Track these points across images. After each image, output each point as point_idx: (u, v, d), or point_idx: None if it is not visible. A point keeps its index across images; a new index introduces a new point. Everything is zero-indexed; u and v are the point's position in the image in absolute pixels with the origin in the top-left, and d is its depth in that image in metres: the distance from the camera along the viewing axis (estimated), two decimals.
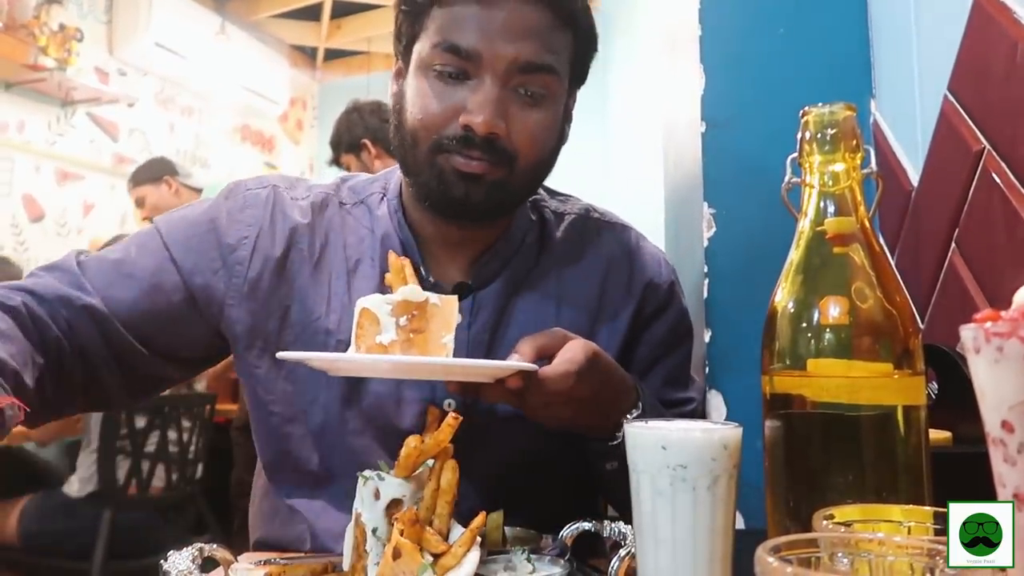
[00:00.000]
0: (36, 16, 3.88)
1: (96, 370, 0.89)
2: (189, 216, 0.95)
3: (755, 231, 1.18)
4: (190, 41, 4.73)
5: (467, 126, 0.83)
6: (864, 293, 0.64)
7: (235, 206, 0.95)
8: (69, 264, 0.90)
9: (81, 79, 4.08)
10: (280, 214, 0.95)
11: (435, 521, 0.65)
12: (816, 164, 0.68)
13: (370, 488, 0.67)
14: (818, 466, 0.63)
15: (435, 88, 0.85)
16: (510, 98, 0.84)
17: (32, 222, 3.97)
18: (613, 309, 0.99)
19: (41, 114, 4.04)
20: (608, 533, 0.72)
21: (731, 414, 1.20)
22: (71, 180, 4.18)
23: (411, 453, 0.66)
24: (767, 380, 0.67)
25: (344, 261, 0.94)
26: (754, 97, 1.25)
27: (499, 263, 0.96)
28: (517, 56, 0.83)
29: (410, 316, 0.76)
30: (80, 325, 0.87)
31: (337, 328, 0.91)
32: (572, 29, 0.88)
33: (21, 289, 0.86)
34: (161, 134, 4.78)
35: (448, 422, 0.66)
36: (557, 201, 1.05)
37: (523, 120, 0.85)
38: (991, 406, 0.38)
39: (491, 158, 0.84)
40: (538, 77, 0.85)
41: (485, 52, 0.82)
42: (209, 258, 0.92)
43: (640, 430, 0.60)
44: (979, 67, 0.98)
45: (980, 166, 0.96)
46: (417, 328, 0.76)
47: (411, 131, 0.87)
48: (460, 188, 0.85)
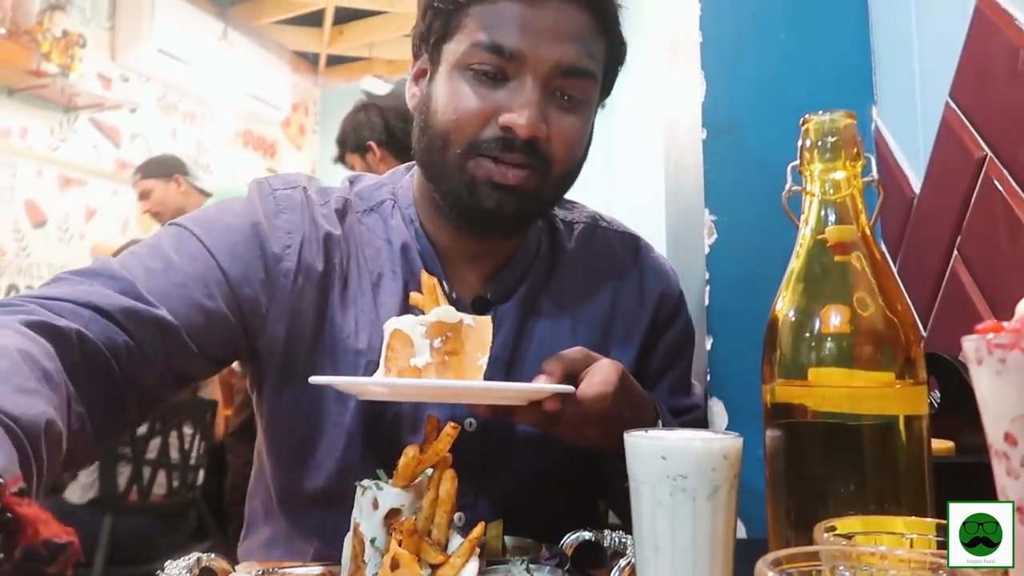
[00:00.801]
0: (39, 22, 3.89)
1: (152, 387, 0.79)
2: (225, 220, 0.86)
3: (756, 238, 1.17)
4: (192, 47, 4.74)
5: (508, 128, 0.80)
6: (865, 302, 0.64)
7: (270, 209, 0.87)
8: (114, 269, 0.79)
9: (84, 85, 4.09)
10: (313, 222, 0.88)
11: (434, 531, 0.64)
12: (817, 172, 0.68)
13: (368, 498, 0.66)
14: (819, 476, 0.63)
15: (472, 88, 0.81)
16: (549, 102, 0.82)
17: (34, 227, 3.97)
18: (625, 321, 0.98)
19: (44, 120, 4.05)
20: (609, 543, 0.72)
21: (733, 422, 1.19)
22: (73, 186, 4.19)
23: (409, 463, 0.66)
24: (768, 389, 0.67)
25: (368, 274, 0.89)
26: (755, 104, 1.24)
27: (516, 277, 0.94)
28: (561, 59, 0.81)
29: (444, 338, 0.74)
30: (146, 339, 0.76)
31: (367, 347, 0.86)
32: (608, 37, 0.86)
33: (79, 303, 0.73)
34: (163, 140, 4.78)
35: (447, 431, 0.65)
36: (564, 209, 1.04)
37: (561, 125, 0.83)
38: (993, 418, 0.38)
39: (530, 163, 0.82)
40: (579, 82, 0.83)
41: (529, 53, 0.80)
42: (255, 267, 0.84)
43: (640, 440, 0.59)
44: (981, 73, 0.98)
45: (982, 173, 0.96)
46: (452, 350, 0.74)
47: (442, 133, 0.83)
48: (492, 199, 0.82)
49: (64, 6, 4.08)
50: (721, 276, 1.21)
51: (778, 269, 0.69)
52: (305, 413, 0.88)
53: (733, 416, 1.18)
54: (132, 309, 0.75)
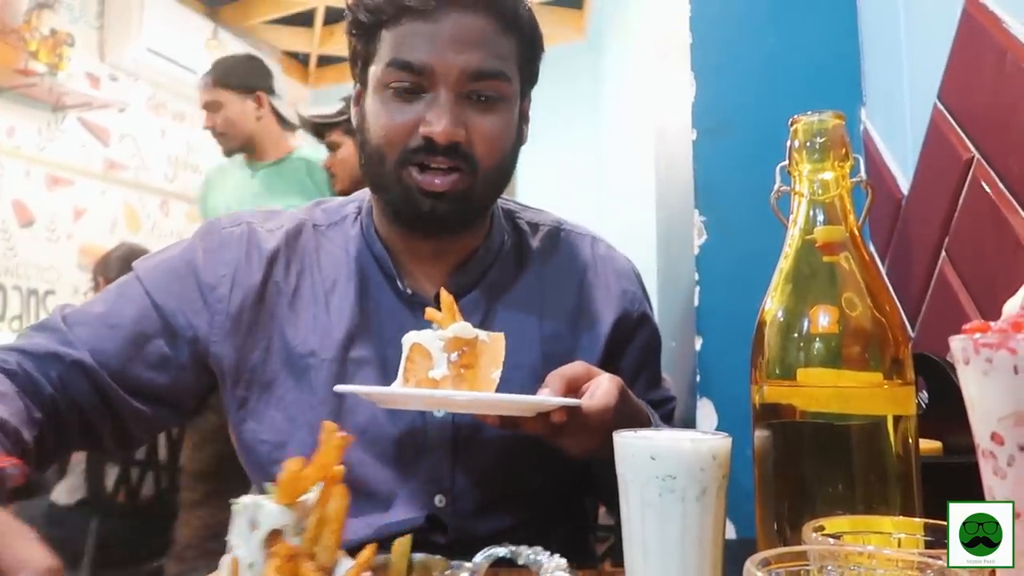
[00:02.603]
0: (27, 21, 3.86)
1: (90, 421, 0.90)
2: (167, 260, 0.97)
3: (746, 239, 1.18)
4: (182, 46, 4.71)
5: (428, 137, 0.86)
6: (854, 302, 0.64)
7: (211, 245, 0.97)
8: (56, 323, 0.92)
9: (72, 84, 4.06)
10: (255, 248, 0.97)
11: (319, 554, 0.58)
12: (805, 173, 0.68)
13: (246, 517, 0.59)
14: (808, 476, 0.63)
15: (394, 105, 0.88)
16: (465, 105, 0.88)
17: (22, 227, 3.94)
18: (592, 317, 1.01)
19: (31, 119, 4.02)
20: (524, 561, 0.70)
21: (722, 421, 1.20)
22: (61, 185, 4.16)
23: (289, 478, 0.58)
24: (757, 389, 0.67)
25: (321, 283, 0.96)
26: (745, 105, 1.25)
27: (477, 273, 0.98)
28: (467, 65, 0.87)
29: (460, 352, 0.79)
30: (71, 380, 0.88)
31: (320, 347, 0.93)
32: (516, 33, 0.91)
33: (13, 350, 0.88)
34: (152, 139, 4.76)
35: (335, 443, 0.59)
36: (531, 213, 1.09)
37: (480, 124, 0.89)
38: (980, 418, 0.38)
39: (457, 166, 0.88)
40: (490, 83, 0.88)
41: (436, 65, 0.86)
42: (190, 299, 0.94)
43: (629, 440, 0.59)
44: (969, 76, 0.98)
45: (970, 175, 0.97)
46: (467, 364, 0.79)
47: (376, 149, 0.90)
48: (426, 204, 0.89)
49: (52, 5, 4.05)
50: (710, 276, 1.21)
51: (768, 269, 0.69)
52: (270, 419, 0.94)
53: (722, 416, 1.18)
54: (56, 353, 0.88)
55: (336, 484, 0.58)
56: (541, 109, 1.09)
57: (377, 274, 0.96)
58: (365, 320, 0.94)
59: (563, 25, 5.01)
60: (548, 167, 5.19)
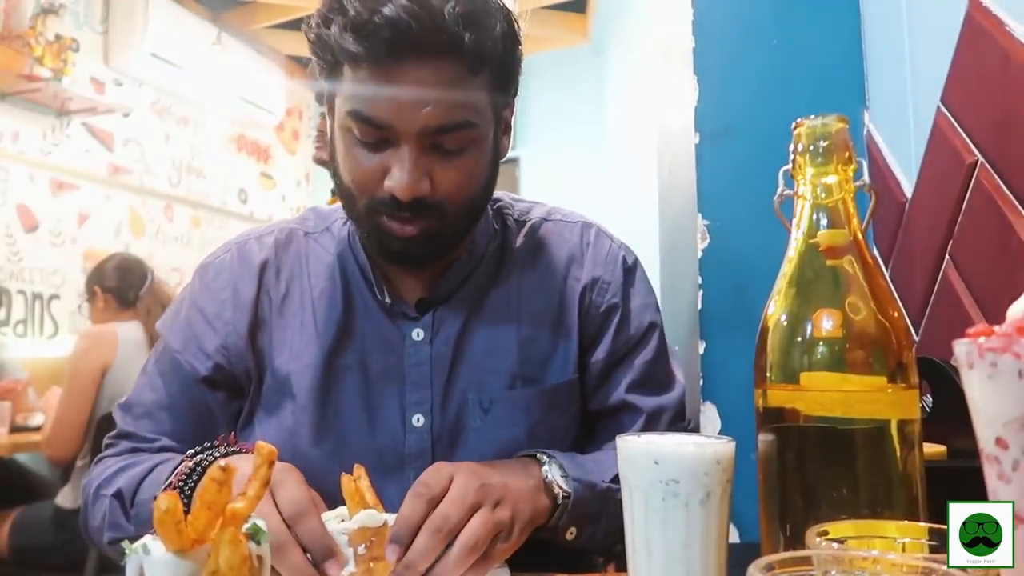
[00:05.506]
0: (32, 26, 3.87)
1: None
2: (181, 313, 0.99)
3: (749, 243, 1.18)
4: (186, 51, 4.73)
5: (391, 193, 0.82)
6: (857, 306, 0.64)
7: (208, 279, 0.99)
8: (129, 427, 0.97)
9: (77, 89, 4.07)
10: (245, 265, 0.98)
11: None
12: (809, 176, 0.68)
13: (134, 565, 0.51)
14: (811, 480, 0.63)
15: (359, 153, 0.84)
16: (430, 156, 0.83)
17: (26, 232, 3.95)
18: (568, 317, 0.97)
19: (36, 124, 4.03)
20: None
21: (725, 425, 1.19)
22: (66, 190, 4.17)
23: (165, 519, 0.48)
24: (760, 393, 0.67)
25: (309, 290, 0.96)
26: (747, 108, 1.25)
27: (460, 278, 0.96)
28: (428, 122, 0.80)
29: (368, 544, 0.68)
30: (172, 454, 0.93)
31: (304, 353, 0.93)
32: (486, 68, 0.83)
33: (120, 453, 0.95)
34: (157, 144, 4.77)
35: (215, 475, 0.50)
36: (523, 206, 1.05)
37: (447, 173, 0.84)
38: (985, 422, 0.38)
39: (421, 215, 0.84)
40: (454, 136, 0.82)
41: (396, 122, 0.80)
42: (208, 339, 0.95)
43: (633, 444, 0.59)
44: (972, 79, 0.98)
45: (973, 178, 0.96)
46: (378, 556, 0.68)
47: (346, 189, 0.87)
48: (397, 246, 0.86)
49: (57, 10, 4.07)
50: (714, 280, 1.21)
51: (771, 273, 0.69)
52: (260, 434, 0.94)
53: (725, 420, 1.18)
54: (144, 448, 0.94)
55: (232, 526, 0.49)
56: (544, 112, 1.09)
57: (360, 281, 0.96)
58: (350, 327, 0.94)
59: (566, 29, 5.02)
60: (551, 170, 5.20)
